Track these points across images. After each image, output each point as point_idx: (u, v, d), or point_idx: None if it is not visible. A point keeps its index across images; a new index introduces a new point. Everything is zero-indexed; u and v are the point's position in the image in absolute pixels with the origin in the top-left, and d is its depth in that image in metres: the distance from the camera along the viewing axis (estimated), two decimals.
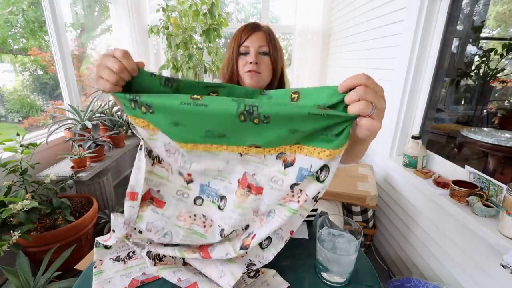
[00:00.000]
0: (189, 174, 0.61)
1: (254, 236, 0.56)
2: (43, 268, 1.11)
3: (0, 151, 1.37)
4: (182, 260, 0.64)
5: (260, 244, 0.60)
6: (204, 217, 0.62)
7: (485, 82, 1.52)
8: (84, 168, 1.58)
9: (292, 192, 0.52)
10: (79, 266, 1.22)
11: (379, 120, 0.41)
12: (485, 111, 1.53)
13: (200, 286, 0.56)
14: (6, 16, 2.02)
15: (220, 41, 3.27)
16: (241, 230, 0.61)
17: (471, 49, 1.52)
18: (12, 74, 2.25)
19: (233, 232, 0.61)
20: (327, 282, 0.61)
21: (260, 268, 0.62)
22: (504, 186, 0.94)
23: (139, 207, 0.58)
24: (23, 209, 1.11)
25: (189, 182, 0.63)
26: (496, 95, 1.51)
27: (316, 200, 0.52)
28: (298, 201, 0.51)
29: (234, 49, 0.82)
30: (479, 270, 0.99)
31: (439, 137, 1.60)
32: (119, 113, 2.12)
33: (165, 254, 0.62)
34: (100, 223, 1.68)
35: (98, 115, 1.91)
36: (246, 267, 0.59)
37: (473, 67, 1.55)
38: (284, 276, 0.62)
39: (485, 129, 1.45)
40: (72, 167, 1.57)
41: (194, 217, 0.62)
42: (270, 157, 0.53)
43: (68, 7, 1.97)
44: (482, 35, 1.47)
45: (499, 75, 1.42)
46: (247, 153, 0.53)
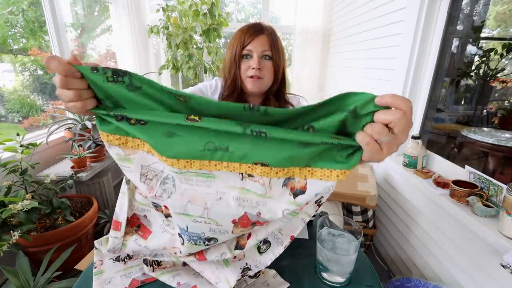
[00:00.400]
0: (166, 207, 0.51)
1: (250, 236, 0.53)
2: (43, 268, 1.11)
3: (0, 151, 1.37)
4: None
5: (259, 248, 0.57)
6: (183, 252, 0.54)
7: (485, 82, 1.52)
8: (84, 168, 1.58)
9: None
10: (79, 266, 1.22)
11: (387, 153, 0.37)
12: (485, 111, 1.53)
13: None
14: (6, 16, 2.02)
15: (220, 41, 3.27)
16: None
17: (471, 49, 1.52)
18: (12, 74, 2.26)
19: None
20: (327, 282, 0.61)
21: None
22: (504, 186, 0.94)
23: (123, 236, 0.55)
24: (23, 209, 1.11)
25: (168, 216, 0.53)
26: (496, 95, 1.51)
27: (319, 205, 0.50)
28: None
29: (237, 51, 0.80)
30: (479, 270, 0.99)
31: (439, 137, 1.60)
32: None
33: (162, 260, 0.61)
34: (100, 223, 1.68)
35: None
36: (241, 272, 0.56)
37: (473, 67, 1.55)
38: (284, 276, 0.61)
39: (485, 129, 1.45)
40: (72, 167, 1.57)
41: (180, 253, 0.55)
42: (276, 184, 0.45)
43: (68, 7, 1.97)
44: (482, 35, 1.47)
45: (499, 75, 1.42)
46: (250, 175, 0.45)
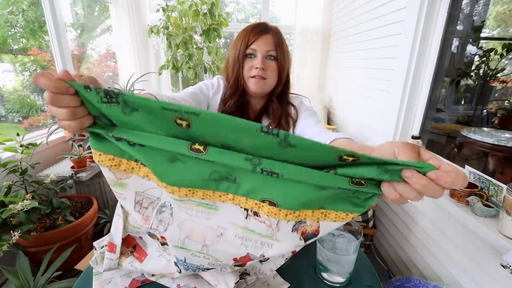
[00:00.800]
0: (163, 238, 0.46)
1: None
2: (43, 268, 1.11)
3: (0, 151, 1.37)
4: None
5: None
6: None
7: (485, 82, 1.52)
8: (84, 168, 1.58)
9: None
10: (79, 266, 1.22)
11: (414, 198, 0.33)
12: (485, 111, 1.53)
13: None
14: (6, 16, 2.02)
15: (220, 41, 3.27)
16: None
17: (471, 49, 1.52)
18: (12, 74, 2.25)
19: None
20: (327, 282, 0.61)
21: None
22: (504, 186, 0.94)
23: (119, 256, 0.55)
24: (23, 209, 1.11)
25: (164, 244, 0.49)
26: (496, 95, 1.51)
27: None
28: None
29: (241, 51, 0.78)
30: (479, 270, 0.99)
31: (439, 137, 1.60)
32: None
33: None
34: (100, 223, 1.68)
35: None
36: (240, 276, 0.55)
37: (473, 67, 1.55)
38: (284, 276, 0.61)
39: (485, 129, 1.45)
40: (72, 167, 1.57)
41: (177, 279, 0.53)
42: (284, 227, 0.40)
43: (68, 7, 1.97)
44: (482, 35, 1.47)
45: (499, 75, 1.42)
46: (256, 213, 0.40)
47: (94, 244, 0.66)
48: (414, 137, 1.39)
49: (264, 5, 2.95)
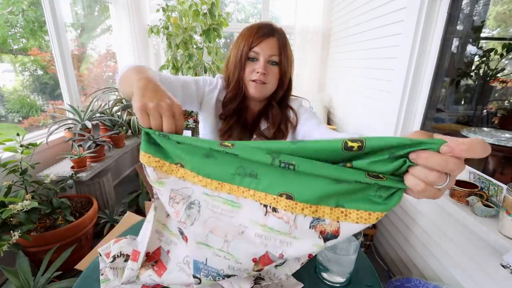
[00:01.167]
0: (185, 239, 0.49)
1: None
2: (43, 268, 1.11)
3: (0, 151, 1.37)
4: None
5: None
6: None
7: (485, 82, 1.51)
8: (84, 168, 1.58)
9: None
10: (79, 266, 1.22)
11: (442, 194, 0.31)
12: (485, 111, 1.53)
13: None
14: (6, 16, 2.02)
15: (220, 41, 3.27)
16: None
17: (471, 49, 1.52)
18: (12, 74, 2.25)
19: None
20: (327, 282, 0.61)
21: None
22: (504, 186, 0.94)
23: (139, 268, 0.54)
24: (23, 209, 1.11)
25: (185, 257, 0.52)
26: (496, 95, 1.51)
27: None
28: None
29: (243, 52, 0.75)
30: (479, 270, 0.99)
31: None
32: (119, 113, 2.12)
33: None
34: (100, 223, 1.68)
35: (98, 115, 1.91)
36: (254, 280, 0.55)
37: (473, 67, 1.55)
38: None
39: (485, 129, 1.44)
40: (72, 167, 1.57)
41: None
42: (302, 223, 0.40)
43: (68, 7, 1.97)
44: (482, 35, 1.47)
45: (499, 75, 1.42)
46: (275, 208, 0.42)
47: (99, 251, 0.64)
48: None
49: (264, 5, 2.95)
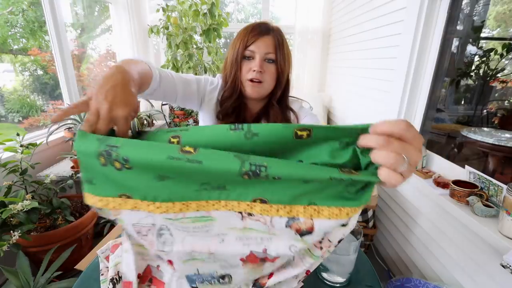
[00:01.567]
0: (170, 262, 0.48)
1: (272, 276, 0.50)
2: (43, 268, 1.11)
3: (0, 151, 1.37)
4: None
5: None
6: None
7: (485, 82, 1.51)
8: None
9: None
10: (79, 266, 1.22)
11: (406, 176, 0.33)
12: (485, 111, 1.52)
13: None
14: (6, 16, 2.02)
15: (220, 41, 3.27)
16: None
17: (471, 49, 1.52)
18: (12, 74, 2.25)
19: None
20: (327, 282, 0.61)
21: None
22: (504, 186, 0.94)
23: None
24: (23, 209, 1.11)
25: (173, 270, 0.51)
26: (496, 95, 1.51)
27: (339, 241, 0.46)
28: (321, 248, 0.45)
29: (239, 52, 0.76)
30: (479, 270, 0.99)
31: (439, 137, 1.60)
32: None
33: None
34: (100, 223, 1.68)
35: None
36: (253, 285, 0.54)
37: (473, 67, 1.55)
38: None
39: (485, 129, 1.44)
40: (72, 167, 1.57)
41: None
42: (278, 223, 0.41)
43: (68, 7, 1.97)
44: (482, 35, 1.47)
45: (499, 75, 1.42)
46: (250, 213, 0.41)
47: (98, 253, 0.64)
48: None
49: (264, 5, 2.95)
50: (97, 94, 0.37)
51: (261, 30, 0.75)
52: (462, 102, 1.67)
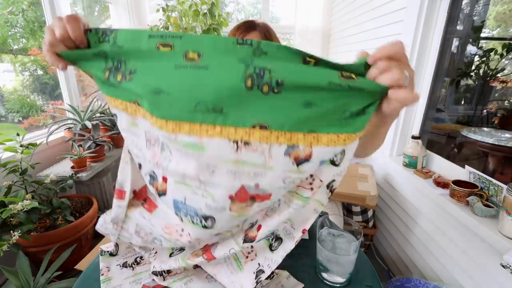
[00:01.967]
0: (164, 179, 0.47)
1: (260, 227, 0.49)
2: (43, 268, 1.11)
3: (0, 151, 1.37)
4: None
5: (270, 246, 0.54)
6: (190, 235, 0.49)
7: (485, 82, 1.51)
8: (84, 168, 1.58)
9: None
10: (79, 266, 1.22)
11: (413, 90, 0.35)
12: (485, 111, 1.52)
13: None
14: (6, 16, 2.02)
15: None
16: (241, 223, 0.53)
17: (471, 49, 1.52)
18: (12, 74, 2.25)
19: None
20: (327, 282, 0.61)
21: (274, 270, 0.57)
22: (504, 186, 0.94)
23: (128, 207, 0.55)
24: (23, 209, 1.11)
25: (161, 195, 0.49)
26: (496, 95, 1.50)
27: (332, 191, 0.46)
28: (312, 188, 0.44)
29: None
30: (479, 270, 0.99)
31: (439, 137, 1.60)
32: None
33: (170, 268, 0.58)
34: None
35: (98, 115, 1.91)
36: (256, 277, 0.53)
37: (473, 67, 1.55)
38: None
39: (485, 129, 1.44)
40: (72, 167, 1.57)
41: (181, 232, 0.50)
42: (277, 152, 0.39)
43: (68, 7, 1.97)
44: (482, 35, 1.47)
45: (499, 75, 1.42)
46: (247, 142, 0.39)
47: (101, 248, 0.66)
48: (414, 137, 1.39)
49: (264, 5, 2.95)
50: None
51: (247, 27, 0.77)
52: (462, 102, 1.67)
